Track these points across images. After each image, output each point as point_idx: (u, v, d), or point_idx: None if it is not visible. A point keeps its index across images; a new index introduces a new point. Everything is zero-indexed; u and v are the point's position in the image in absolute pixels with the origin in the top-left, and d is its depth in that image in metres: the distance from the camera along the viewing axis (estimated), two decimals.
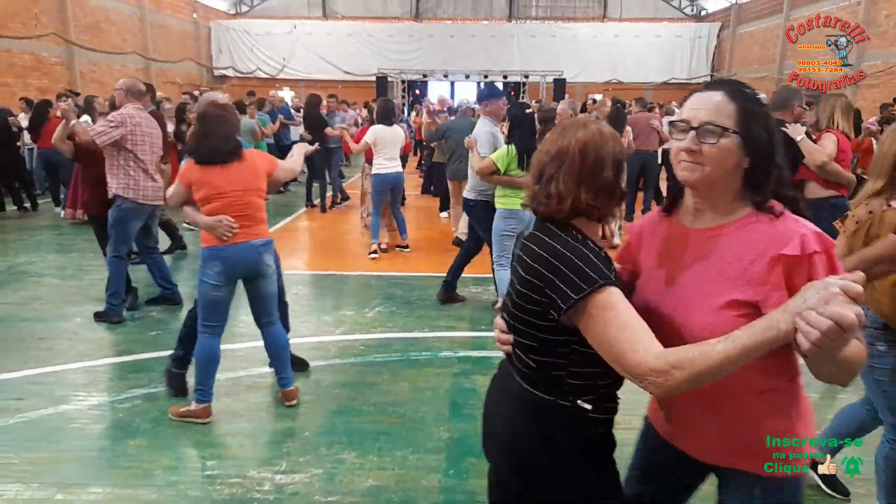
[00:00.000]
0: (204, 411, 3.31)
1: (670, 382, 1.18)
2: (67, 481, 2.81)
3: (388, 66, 23.59)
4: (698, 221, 1.41)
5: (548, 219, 1.43)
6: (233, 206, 3.15)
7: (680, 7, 26.84)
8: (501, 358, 1.59)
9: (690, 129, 1.32)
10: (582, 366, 1.38)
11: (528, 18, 26.57)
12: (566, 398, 1.40)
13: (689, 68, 24.95)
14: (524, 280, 1.39)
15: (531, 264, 1.37)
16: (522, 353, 1.45)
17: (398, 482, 2.82)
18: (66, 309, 5.03)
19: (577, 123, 1.46)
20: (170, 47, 22.37)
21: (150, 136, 4.77)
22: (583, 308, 1.29)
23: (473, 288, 5.70)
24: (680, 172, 1.35)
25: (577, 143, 1.40)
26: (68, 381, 3.81)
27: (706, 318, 1.31)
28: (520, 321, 1.42)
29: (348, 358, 4.18)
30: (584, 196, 1.38)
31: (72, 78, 16.45)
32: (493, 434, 1.56)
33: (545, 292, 1.33)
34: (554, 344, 1.38)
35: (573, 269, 1.30)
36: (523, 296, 1.39)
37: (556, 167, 1.41)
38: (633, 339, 1.23)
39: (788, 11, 19.58)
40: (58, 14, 16.07)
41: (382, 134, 6.61)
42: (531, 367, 1.43)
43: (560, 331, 1.35)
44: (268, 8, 27.29)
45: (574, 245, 1.35)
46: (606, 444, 1.52)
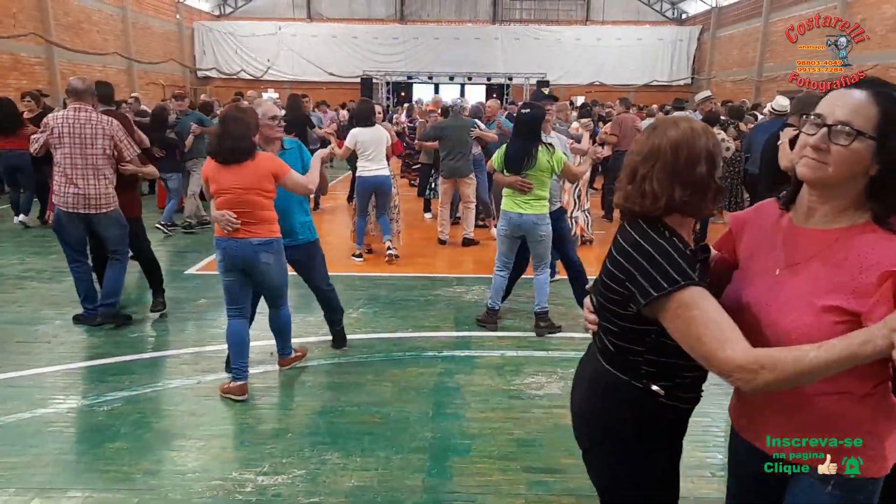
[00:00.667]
0: (239, 389, 3.57)
1: (757, 381, 1.20)
2: (46, 486, 2.77)
3: (373, 68, 23.58)
4: (810, 221, 1.36)
5: (641, 216, 1.46)
6: (235, 202, 3.37)
7: (661, 11, 27.14)
8: (485, 357, 1.63)
9: (823, 126, 1.25)
10: (659, 355, 1.45)
11: (512, 21, 26.72)
12: (640, 380, 1.48)
13: (671, 71, 25.28)
14: (609, 270, 1.47)
15: (616, 256, 1.45)
16: (604, 334, 1.55)
17: (381, 482, 2.82)
18: (44, 312, 4.96)
19: (667, 122, 1.48)
20: (152, 48, 22.16)
21: (79, 137, 4.36)
22: (664, 305, 1.33)
23: (457, 288, 5.72)
24: (801, 168, 1.30)
25: (669, 142, 1.42)
26: (47, 385, 3.75)
27: (802, 317, 1.28)
28: (604, 307, 1.52)
29: (332, 358, 4.17)
30: (678, 193, 1.40)
31: (52, 78, 16.23)
32: (572, 407, 1.69)
33: (626, 285, 1.40)
34: (633, 331, 1.45)
35: (655, 266, 1.35)
36: (608, 284, 1.47)
37: (650, 166, 1.43)
38: (720, 337, 1.26)
39: (767, 15, 19.89)
40: (37, 14, 15.86)
41: (362, 136, 6.44)
42: (610, 349, 1.53)
43: (641, 320, 1.42)
44: (252, 9, 27.14)
45: (659, 242, 1.38)
46: (673, 432, 1.56)
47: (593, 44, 25.40)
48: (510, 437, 3.22)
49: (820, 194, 1.32)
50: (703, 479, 2.85)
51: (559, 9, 26.73)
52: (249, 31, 25.64)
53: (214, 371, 3.94)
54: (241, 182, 3.36)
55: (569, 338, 4.57)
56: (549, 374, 3.93)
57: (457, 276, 6.16)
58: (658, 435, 1.52)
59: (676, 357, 1.39)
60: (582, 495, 2.73)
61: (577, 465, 2.94)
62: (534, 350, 4.32)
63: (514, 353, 4.24)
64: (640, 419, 1.50)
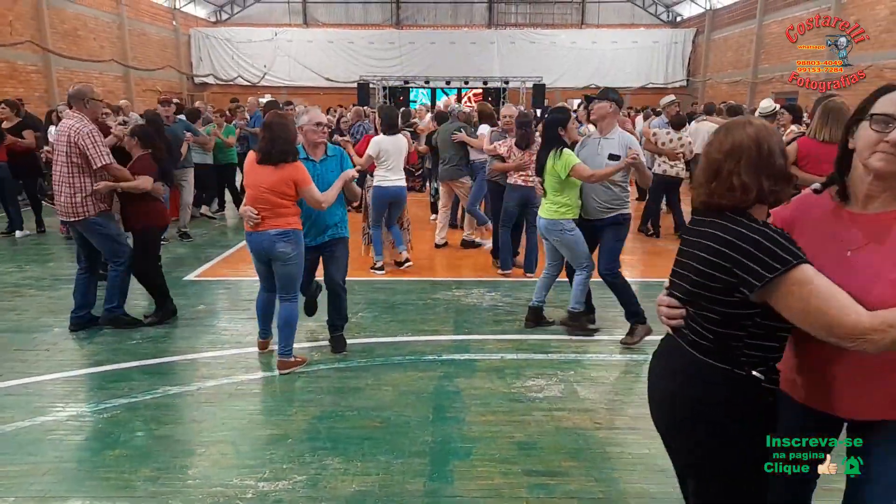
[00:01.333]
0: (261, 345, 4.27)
1: (886, 340, 1.34)
2: (45, 494, 2.76)
3: (370, 73, 23.60)
4: (870, 207, 1.55)
5: (729, 209, 1.55)
6: (258, 199, 3.79)
7: (656, 13, 27.26)
8: (485, 360, 1.62)
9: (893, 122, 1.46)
10: (758, 339, 1.54)
11: (508, 25, 26.82)
12: (741, 368, 1.55)
13: (666, 73, 25.37)
14: (709, 262, 1.53)
15: (718, 248, 1.51)
16: (700, 325, 1.60)
17: (382, 487, 2.81)
18: (42, 320, 4.95)
19: (740, 122, 1.60)
20: (149, 55, 22.19)
21: (57, 144, 4.53)
22: (777, 285, 1.43)
23: (456, 291, 5.72)
24: (877, 162, 1.47)
25: (750, 138, 1.54)
26: (46, 392, 3.74)
27: (886, 290, 1.43)
28: (702, 297, 1.57)
29: (331, 363, 4.17)
30: (766, 184, 1.52)
31: (49, 86, 16.25)
32: (660, 404, 1.73)
33: (735, 272, 1.48)
34: (736, 317, 1.53)
35: (764, 251, 1.45)
36: (707, 275, 1.54)
37: (735, 163, 1.53)
38: (841, 306, 1.38)
39: (761, 17, 19.98)
40: (34, 22, 15.87)
41: (386, 145, 6.03)
42: (708, 338, 1.58)
43: (745, 305, 1.50)
44: (248, 16, 27.20)
45: (760, 229, 1.49)
46: (770, 416, 1.62)
47: (589, 47, 25.48)
48: (511, 440, 3.21)
49: (884, 183, 1.51)
50: None
51: (554, 12, 26.84)
52: (246, 37, 25.67)
53: (214, 377, 3.94)
54: (267, 182, 3.75)
55: (568, 340, 4.57)
56: (550, 377, 3.93)
57: (455, 279, 6.17)
58: (757, 420, 1.59)
59: (771, 339, 1.54)
60: (583, 498, 2.73)
61: (579, 467, 2.96)
62: (534, 353, 4.32)
63: (513, 356, 4.24)
64: (741, 406, 1.57)
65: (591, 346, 4.50)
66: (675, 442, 1.73)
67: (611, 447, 3.14)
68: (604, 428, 3.33)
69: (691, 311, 1.63)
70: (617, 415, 3.50)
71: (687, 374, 1.63)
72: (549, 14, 26.87)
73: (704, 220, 1.61)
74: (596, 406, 3.57)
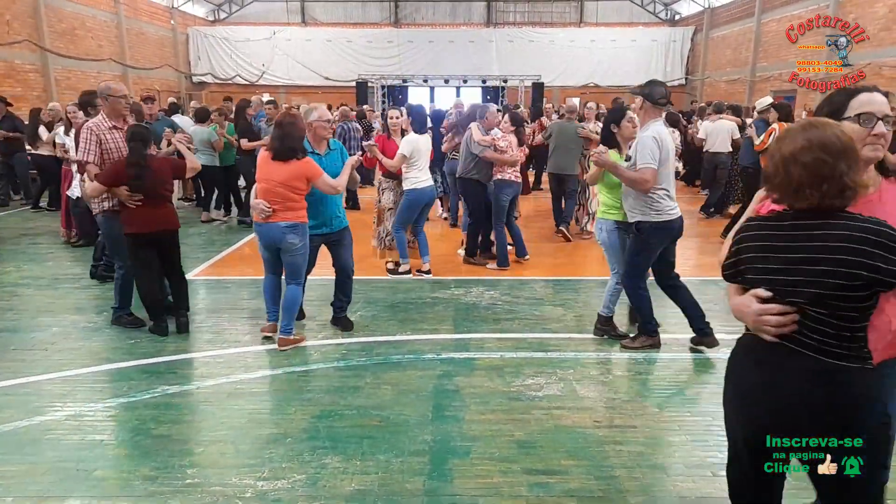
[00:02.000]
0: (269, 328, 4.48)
1: None
2: (44, 494, 2.75)
3: (368, 72, 23.59)
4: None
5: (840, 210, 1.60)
6: (270, 192, 4.06)
7: (654, 12, 27.24)
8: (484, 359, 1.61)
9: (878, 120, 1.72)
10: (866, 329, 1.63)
11: (507, 24, 26.79)
12: (867, 362, 1.62)
13: (665, 71, 25.32)
14: (847, 262, 1.55)
15: (855, 247, 1.54)
16: (829, 327, 1.61)
17: (382, 486, 2.81)
18: (40, 319, 4.94)
19: (822, 122, 1.64)
20: (147, 54, 22.15)
21: None
22: None
23: (455, 290, 5.72)
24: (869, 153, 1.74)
25: (848, 137, 1.59)
26: (44, 392, 3.73)
27: None
28: (835, 298, 1.59)
29: (331, 362, 4.16)
30: (857, 181, 1.59)
31: (47, 85, 16.21)
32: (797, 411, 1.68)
33: (877, 267, 1.52)
34: (866, 310, 1.61)
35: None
36: (844, 275, 1.56)
37: (847, 165, 1.57)
38: None
39: (760, 15, 19.98)
40: (31, 21, 15.83)
41: (419, 144, 5.82)
42: (831, 344, 1.62)
43: (872, 298, 1.59)
44: (246, 14, 27.15)
45: (881, 222, 1.56)
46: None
47: (587, 45, 25.49)
48: (510, 438, 3.21)
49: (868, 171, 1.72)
50: (705, 478, 2.84)
51: (553, 11, 26.82)
52: (244, 36, 25.64)
53: (212, 376, 3.93)
54: (280, 177, 4.03)
55: (567, 339, 4.57)
56: (549, 376, 3.93)
57: (454, 278, 6.16)
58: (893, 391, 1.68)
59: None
60: (583, 496, 2.73)
61: (578, 466, 2.96)
62: (533, 351, 4.32)
63: (513, 355, 4.24)
64: (884, 393, 1.65)
65: (591, 344, 4.50)
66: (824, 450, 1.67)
67: (610, 446, 3.13)
68: (603, 426, 3.32)
69: (815, 315, 1.62)
70: (616, 413, 3.49)
71: (837, 383, 1.63)
72: (548, 12, 26.85)
73: (812, 224, 1.61)
74: (595, 405, 3.57)
